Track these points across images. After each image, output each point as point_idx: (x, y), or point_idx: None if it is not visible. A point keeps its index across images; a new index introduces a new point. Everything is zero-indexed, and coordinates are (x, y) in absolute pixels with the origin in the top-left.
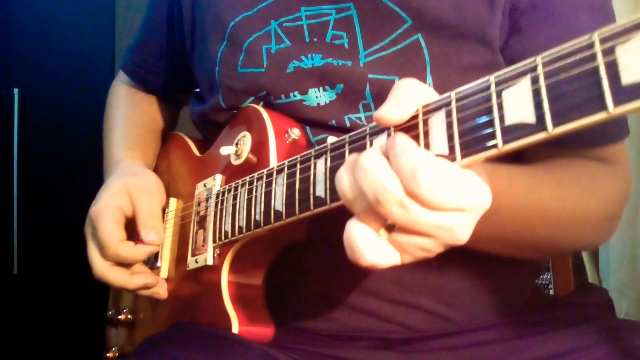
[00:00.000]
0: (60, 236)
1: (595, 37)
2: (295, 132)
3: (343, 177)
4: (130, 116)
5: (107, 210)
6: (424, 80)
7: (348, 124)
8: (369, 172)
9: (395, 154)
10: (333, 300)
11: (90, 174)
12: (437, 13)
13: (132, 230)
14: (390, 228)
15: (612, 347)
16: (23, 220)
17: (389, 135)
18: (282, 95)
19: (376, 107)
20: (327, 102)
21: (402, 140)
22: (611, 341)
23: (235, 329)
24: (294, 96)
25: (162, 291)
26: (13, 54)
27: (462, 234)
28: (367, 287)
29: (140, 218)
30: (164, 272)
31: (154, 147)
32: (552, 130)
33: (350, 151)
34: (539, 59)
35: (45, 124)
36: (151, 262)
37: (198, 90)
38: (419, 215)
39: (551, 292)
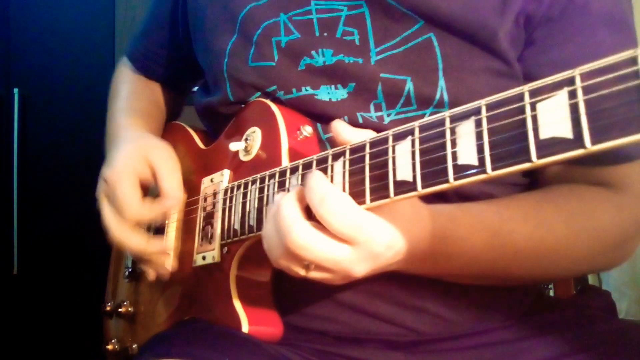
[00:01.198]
0: (60, 236)
1: (639, 53)
2: (307, 129)
3: (268, 223)
4: (136, 91)
5: (124, 173)
6: (436, 82)
7: (360, 121)
8: (280, 214)
9: (311, 187)
10: (340, 302)
11: (90, 174)
12: (447, 18)
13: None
14: (308, 267)
15: (614, 348)
16: (23, 220)
17: (412, 141)
18: (293, 90)
19: (387, 107)
20: (339, 99)
21: (316, 175)
22: (614, 343)
23: (245, 328)
24: (306, 90)
25: (167, 266)
26: (13, 54)
27: (356, 269)
28: (374, 290)
29: (162, 174)
30: (168, 267)
31: (158, 123)
32: (591, 147)
33: (371, 156)
34: (576, 72)
35: (45, 124)
36: None
37: (207, 82)
38: (317, 249)
39: (551, 292)
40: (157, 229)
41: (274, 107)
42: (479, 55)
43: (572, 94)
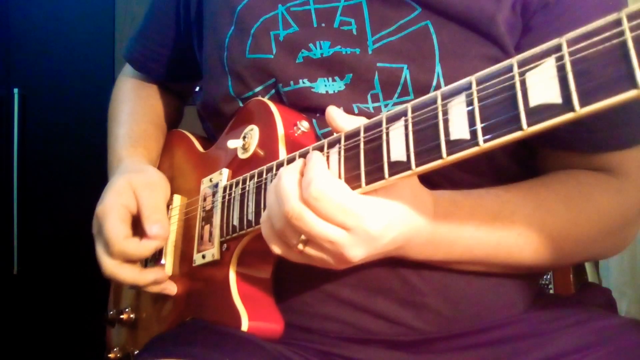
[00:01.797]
0: (60, 236)
1: (623, 14)
2: (304, 125)
3: (269, 194)
4: (136, 112)
5: (112, 209)
6: (432, 69)
7: (356, 112)
8: (280, 184)
9: (306, 168)
10: (341, 299)
11: (90, 174)
12: (444, 4)
13: (138, 227)
14: (305, 242)
15: (615, 346)
16: (23, 220)
17: (406, 122)
18: (291, 82)
19: (384, 97)
20: (336, 91)
21: (314, 157)
22: (615, 340)
23: (245, 324)
24: (303, 83)
25: (172, 287)
26: (13, 54)
27: (352, 253)
28: (375, 287)
29: (145, 213)
30: (169, 270)
31: (158, 144)
32: (580, 109)
33: (366, 140)
34: (563, 39)
35: (45, 124)
36: (155, 259)
37: (206, 79)
38: (312, 222)
39: (551, 291)
40: None
41: (270, 104)
42: (476, 42)
43: (560, 59)
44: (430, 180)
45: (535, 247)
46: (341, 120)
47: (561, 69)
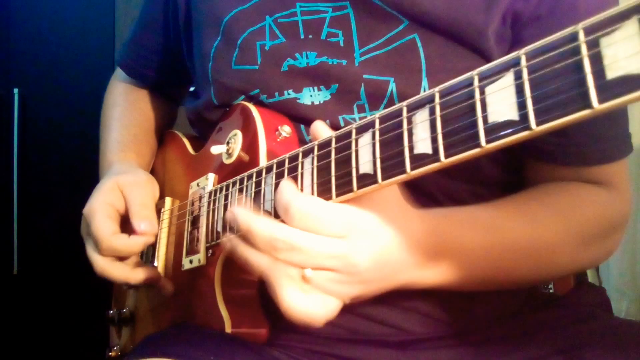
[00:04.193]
0: (60, 236)
1: (579, 28)
2: (285, 130)
3: (249, 253)
4: (125, 116)
5: (98, 208)
6: (419, 82)
7: (342, 124)
8: (259, 234)
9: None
10: None
11: (90, 174)
12: (431, 17)
13: (128, 226)
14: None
15: (609, 346)
16: (23, 220)
17: (373, 133)
18: (276, 93)
19: (370, 109)
20: (322, 101)
21: (282, 186)
22: (608, 340)
23: (227, 330)
24: (288, 94)
25: (168, 285)
26: (13, 54)
27: (356, 259)
28: None
29: (132, 209)
30: (161, 272)
31: (149, 148)
32: (535, 128)
33: (336, 150)
34: (522, 52)
35: (45, 124)
36: (148, 262)
37: (194, 86)
38: (309, 246)
39: (551, 291)
40: None
41: (253, 109)
42: (464, 56)
43: (518, 74)
44: (423, 190)
45: (532, 263)
46: (323, 133)
47: (519, 85)
